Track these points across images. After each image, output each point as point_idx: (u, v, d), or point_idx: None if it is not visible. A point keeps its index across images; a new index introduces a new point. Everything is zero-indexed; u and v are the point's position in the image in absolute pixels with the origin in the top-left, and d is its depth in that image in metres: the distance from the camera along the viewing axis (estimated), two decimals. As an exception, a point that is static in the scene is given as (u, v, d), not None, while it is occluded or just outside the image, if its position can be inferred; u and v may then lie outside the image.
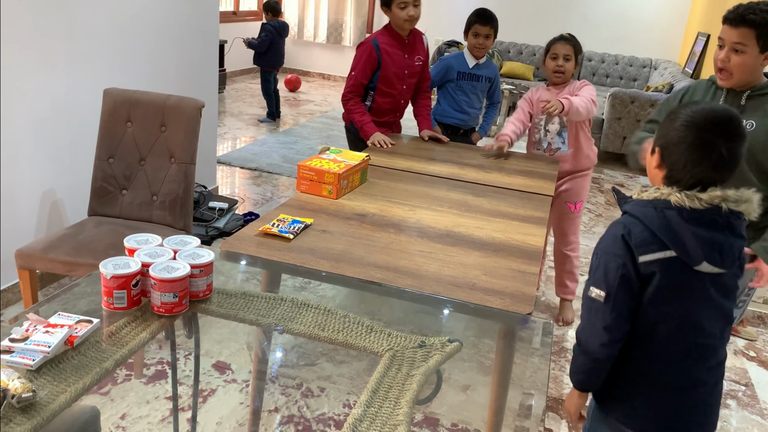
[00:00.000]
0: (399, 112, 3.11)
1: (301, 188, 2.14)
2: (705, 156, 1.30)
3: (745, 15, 1.81)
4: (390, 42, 2.91)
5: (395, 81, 2.95)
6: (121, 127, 2.55)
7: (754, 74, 1.89)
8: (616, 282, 1.33)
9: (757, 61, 1.85)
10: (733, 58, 1.85)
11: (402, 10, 2.80)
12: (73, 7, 2.77)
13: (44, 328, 1.20)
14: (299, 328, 1.38)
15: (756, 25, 1.80)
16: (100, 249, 2.30)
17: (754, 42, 1.82)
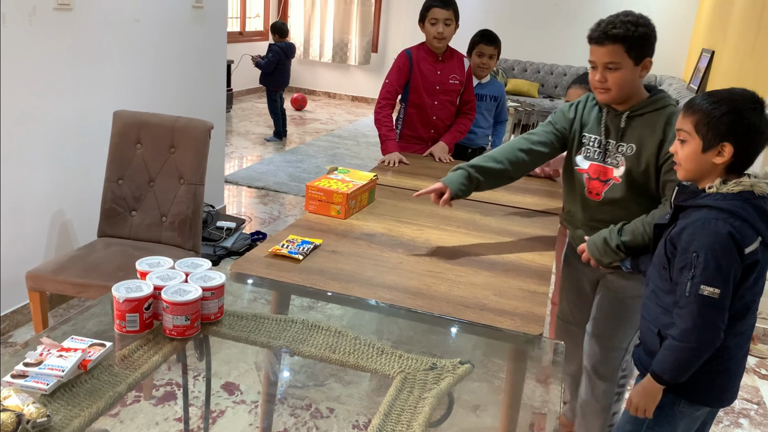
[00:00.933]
0: (432, 128, 3.10)
1: (310, 208, 2.15)
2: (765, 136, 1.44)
3: (607, 31, 1.73)
4: (423, 55, 3.02)
5: (424, 94, 3.01)
6: (130, 148, 2.57)
7: (633, 88, 1.81)
8: (729, 277, 1.40)
9: (634, 74, 1.77)
10: (610, 77, 1.76)
11: (432, 26, 2.93)
12: (83, 31, 2.81)
13: (58, 352, 1.21)
14: (310, 350, 1.38)
15: (622, 38, 1.73)
16: (110, 270, 2.31)
17: (626, 56, 1.74)
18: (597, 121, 1.90)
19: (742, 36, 5.01)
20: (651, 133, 1.79)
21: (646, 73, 1.79)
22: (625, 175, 1.83)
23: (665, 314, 1.54)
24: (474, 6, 8.44)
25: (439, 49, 2.99)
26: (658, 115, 1.80)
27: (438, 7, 2.91)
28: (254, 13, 9.06)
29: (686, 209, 1.50)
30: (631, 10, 1.81)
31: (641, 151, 1.80)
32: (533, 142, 1.99)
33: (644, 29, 1.75)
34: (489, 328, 1.52)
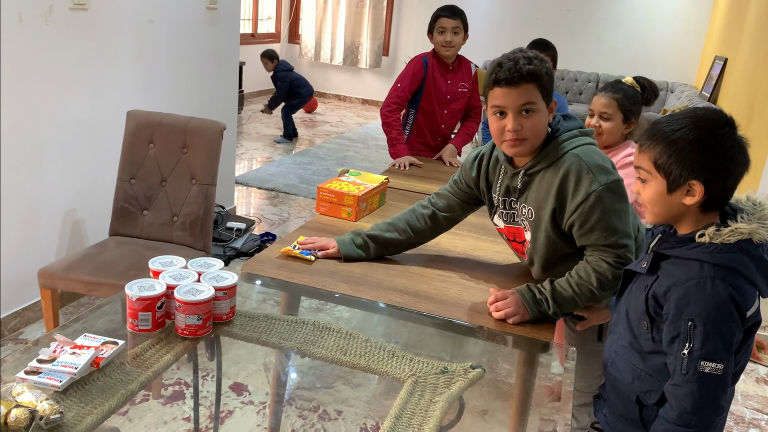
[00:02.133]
0: (440, 136, 3.13)
1: (321, 210, 2.16)
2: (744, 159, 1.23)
3: (521, 68, 1.49)
4: (436, 65, 3.03)
5: (435, 103, 3.04)
6: (143, 148, 2.58)
7: (541, 136, 1.57)
8: (732, 347, 1.20)
9: (547, 118, 1.56)
10: (526, 123, 1.52)
11: (440, 35, 2.94)
12: (98, 32, 2.83)
13: (71, 350, 1.21)
14: (321, 351, 1.39)
15: (536, 76, 1.50)
16: (121, 269, 2.32)
17: (539, 96, 1.52)
18: (497, 179, 1.70)
19: (755, 43, 4.98)
20: (545, 197, 1.57)
21: (551, 117, 1.58)
22: (532, 240, 1.65)
23: (646, 379, 1.33)
24: (485, 13, 8.44)
25: (448, 58, 3.01)
26: (552, 174, 1.55)
27: (445, 16, 2.94)
28: (266, 15, 9.10)
29: (669, 257, 1.27)
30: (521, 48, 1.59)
31: (540, 217, 1.60)
32: (439, 209, 1.82)
33: (547, 66, 1.54)
34: (499, 333, 1.52)
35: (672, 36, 7.82)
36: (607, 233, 1.51)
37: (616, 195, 1.51)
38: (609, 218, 1.50)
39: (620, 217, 1.52)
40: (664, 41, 7.85)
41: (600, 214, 1.50)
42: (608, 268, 1.53)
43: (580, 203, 1.50)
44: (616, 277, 1.50)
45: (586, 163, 1.51)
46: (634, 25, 7.92)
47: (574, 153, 1.53)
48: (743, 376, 2.94)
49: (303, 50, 9.36)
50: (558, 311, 1.55)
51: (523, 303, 1.54)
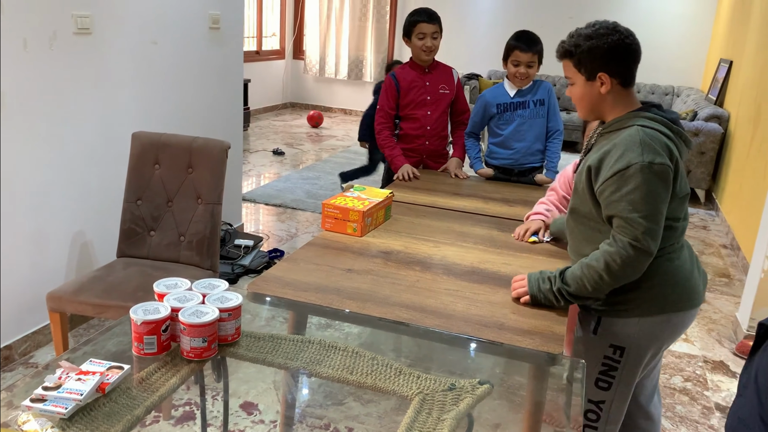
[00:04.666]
0: (426, 138, 3.13)
1: (326, 226, 2.15)
2: None
3: (558, 47, 1.72)
4: (408, 71, 3.10)
5: (414, 105, 3.09)
6: (149, 169, 2.60)
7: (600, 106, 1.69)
8: None
9: (592, 90, 1.67)
10: (570, 93, 1.74)
11: (420, 40, 2.98)
12: (103, 55, 2.86)
13: (76, 376, 1.21)
14: (327, 371, 1.37)
15: (567, 53, 1.68)
16: (129, 291, 2.33)
17: (576, 72, 1.68)
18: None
19: (761, 45, 4.96)
20: (597, 151, 1.65)
21: (606, 89, 1.65)
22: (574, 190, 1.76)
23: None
24: (486, 20, 8.46)
25: (426, 62, 3.06)
26: (613, 136, 1.65)
27: (424, 21, 2.97)
28: (270, 32, 9.17)
29: None
30: (603, 21, 1.69)
31: (582, 168, 1.69)
32: None
33: (594, 42, 1.63)
34: (508, 347, 1.50)
35: (676, 39, 7.80)
36: (632, 206, 1.53)
37: (656, 177, 1.54)
38: (640, 194, 1.53)
39: (652, 198, 1.54)
40: (668, 45, 7.83)
41: (633, 186, 1.53)
42: (619, 250, 1.55)
43: (620, 170, 1.54)
44: (626, 262, 1.54)
45: (642, 139, 1.55)
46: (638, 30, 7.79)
47: (638, 126, 1.59)
48: None
49: (307, 66, 9.42)
50: (563, 289, 1.62)
51: (528, 281, 1.68)
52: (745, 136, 4.93)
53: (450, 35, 8.45)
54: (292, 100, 9.73)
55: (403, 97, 3.08)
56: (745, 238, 4.34)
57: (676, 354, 3.14)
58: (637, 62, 1.68)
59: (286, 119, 8.81)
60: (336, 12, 9.09)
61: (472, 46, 8.55)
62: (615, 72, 1.64)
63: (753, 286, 3.26)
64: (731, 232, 4.77)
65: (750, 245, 4.09)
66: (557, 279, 1.64)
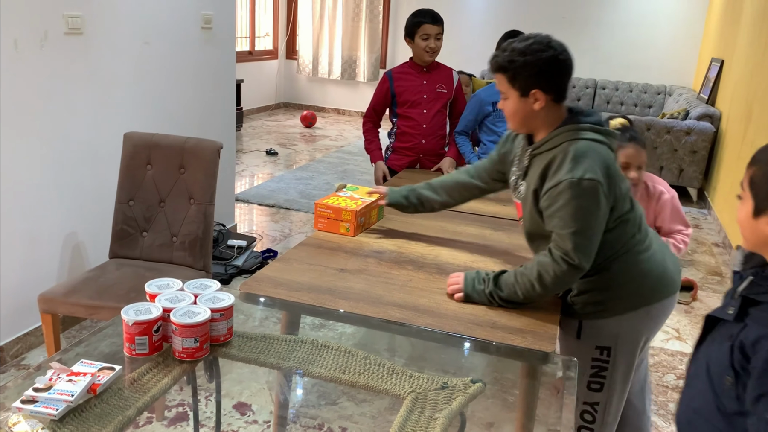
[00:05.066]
0: (423, 137, 3.14)
1: (319, 226, 2.15)
2: None
3: (491, 60, 1.67)
4: (406, 70, 3.13)
5: (411, 103, 3.11)
6: (141, 170, 2.59)
7: (532, 121, 1.67)
8: None
9: (525, 106, 1.64)
10: (504, 106, 1.70)
11: (424, 41, 3.01)
12: (94, 55, 2.85)
13: (67, 377, 1.21)
14: (320, 371, 1.37)
15: (501, 68, 1.64)
16: (122, 292, 2.32)
17: (510, 87, 1.64)
18: (517, 155, 1.82)
19: (751, 44, 4.98)
20: (536, 173, 1.65)
21: (540, 105, 1.62)
22: (524, 216, 1.76)
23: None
24: (479, 19, 8.47)
25: (427, 63, 3.09)
26: (547, 155, 1.64)
27: (429, 23, 3.00)
28: (263, 32, 9.15)
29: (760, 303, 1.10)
30: (537, 35, 1.65)
31: (527, 195, 1.70)
32: (473, 176, 2.00)
33: (529, 58, 1.59)
34: (501, 345, 1.50)
35: (668, 39, 7.83)
36: (563, 223, 1.56)
37: (585, 192, 1.54)
38: (570, 210, 1.55)
39: (581, 215, 1.55)
40: (660, 45, 7.86)
41: (563, 202, 1.55)
42: (551, 262, 1.58)
43: (552, 187, 1.57)
44: (557, 275, 1.58)
45: (574, 154, 1.56)
46: (629, 30, 7.94)
47: (571, 143, 1.59)
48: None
49: (301, 66, 9.41)
50: (495, 293, 1.64)
51: (464, 279, 1.69)
52: (736, 134, 4.96)
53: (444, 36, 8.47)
54: (285, 100, 9.72)
55: (398, 95, 3.10)
56: (737, 236, 4.36)
57: (669, 352, 3.15)
58: (570, 77, 1.65)
59: (279, 119, 8.80)
60: (329, 12, 9.08)
61: (465, 46, 8.56)
62: (548, 88, 1.61)
63: (745, 284, 3.27)
64: (723, 231, 4.80)
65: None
66: (491, 283, 1.65)
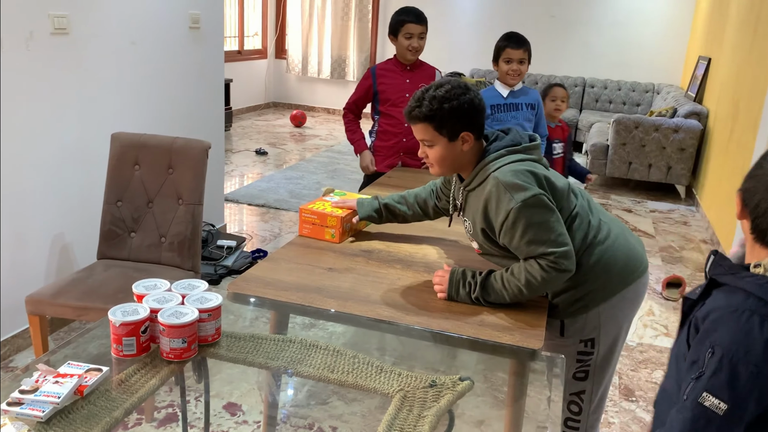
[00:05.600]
0: (404, 136, 3.16)
1: (304, 232, 2.09)
2: None
3: (411, 111, 1.67)
4: (389, 68, 3.14)
5: (394, 101, 3.12)
6: (129, 170, 2.58)
7: (461, 162, 1.70)
8: (748, 393, 1.04)
9: (454, 149, 1.67)
10: (429, 153, 1.70)
11: (407, 40, 3.02)
12: (80, 55, 2.83)
13: (54, 379, 1.20)
14: (308, 370, 1.37)
15: (426, 118, 1.65)
16: (110, 293, 2.31)
17: (436, 134, 1.66)
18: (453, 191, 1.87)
19: (738, 42, 5.02)
20: (476, 215, 1.69)
21: (469, 146, 1.67)
22: (480, 248, 1.78)
23: None
24: (470, 21, 8.49)
25: (411, 61, 3.10)
26: (479, 194, 1.67)
27: (413, 22, 3.01)
28: (252, 31, 9.13)
29: (722, 285, 1.16)
30: (449, 79, 1.72)
31: (476, 232, 1.73)
32: (438, 197, 1.99)
33: (453, 103, 1.62)
34: (489, 343, 1.51)
35: (656, 37, 7.87)
36: (534, 246, 1.58)
37: (535, 208, 1.57)
38: (532, 232, 1.57)
39: (544, 227, 1.58)
40: (648, 43, 7.91)
41: (523, 229, 1.57)
42: (539, 269, 1.59)
43: (503, 222, 1.60)
44: (546, 280, 1.59)
45: (502, 185, 1.59)
46: (618, 28, 7.98)
47: (494, 175, 1.62)
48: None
49: (290, 65, 9.39)
50: (482, 297, 1.65)
51: (449, 280, 1.68)
52: (723, 132, 5.00)
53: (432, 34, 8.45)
54: (274, 99, 9.70)
55: (381, 93, 3.11)
56: (725, 233, 4.40)
57: (657, 348, 3.17)
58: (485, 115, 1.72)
59: (269, 119, 8.78)
60: (318, 11, 9.07)
61: (453, 44, 8.57)
62: (473, 128, 1.66)
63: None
64: (711, 228, 4.83)
65: (730, 240, 4.15)
66: (477, 288, 1.65)
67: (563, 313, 1.77)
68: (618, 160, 5.92)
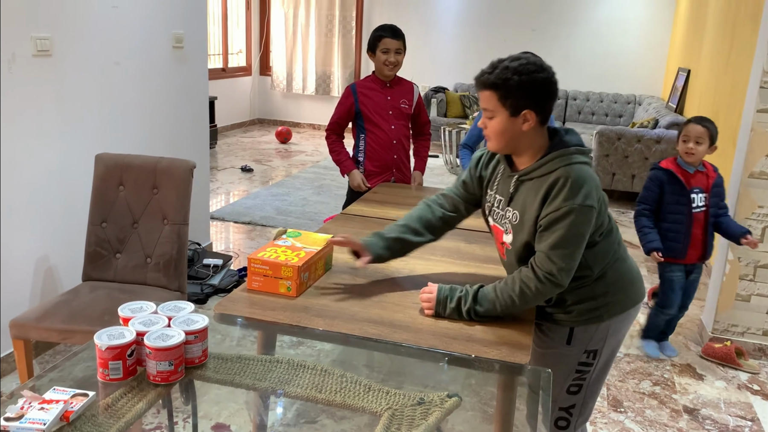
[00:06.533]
0: (395, 152, 3.19)
1: (253, 285, 1.78)
2: None
3: (481, 76, 1.62)
4: (369, 85, 3.16)
5: (379, 119, 3.14)
6: (113, 191, 2.57)
7: (519, 142, 1.66)
8: None
9: (514, 126, 1.62)
10: (489, 125, 1.65)
11: (384, 54, 3.04)
12: (64, 76, 2.83)
13: (39, 405, 1.19)
14: (296, 390, 1.37)
15: (493, 86, 1.60)
16: (95, 315, 2.29)
17: (499, 105, 1.60)
18: (495, 179, 1.80)
19: (715, 54, 5.11)
20: (531, 203, 1.64)
21: (529, 126, 1.62)
22: (512, 242, 1.72)
23: None
24: (451, 34, 8.57)
25: (388, 77, 3.13)
26: (541, 182, 1.63)
27: (389, 37, 3.04)
28: (236, 49, 9.15)
29: None
30: (527, 54, 1.69)
31: (523, 222, 1.67)
32: (447, 209, 1.92)
33: (524, 78, 1.57)
34: (476, 358, 1.51)
35: (636, 49, 7.99)
36: (553, 250, 1.60)
37: (583, 218, 1.59)
38: (564, 237, 1.59)
39: (574, 240, 1.60)
40: (628, 55, 8.02)
41: (561, 226, 1.58)
42: (534, 278, 1.61)
43: (553, 211, 1.58)
44: (540, 292, 1.62)
45: (573, 180, 1.58)
46: (598, 41, 8.09)
47: (568, 168, 1.60)
48: (725, 383, 2.97)
49: (275, 82, 9.41)
50: (473, 310, 1.65)
51: (436, 297, 1.68)
52: (704, 142, 5.06)
53: (416, 50, 8.55)
54: (260, 116, 9.71)
55: (364, 109, 3.13)
56: (707, 242, 4.44)
57: (644, 359, 3.19)
58: (555, 101, 1.68)
59: (254, 135, 8.78)
60: (302, 28, 9.12)
61: (437, 60, 8.64)
62: (539, 110, 1.61)
63: (716, 290, 3.34)
64: (694, 237, 4.87)
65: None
66: (469, 299, 1.65)
67: (577, 320, 1.77)
68: (601, 171, 5.98)
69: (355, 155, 3.25)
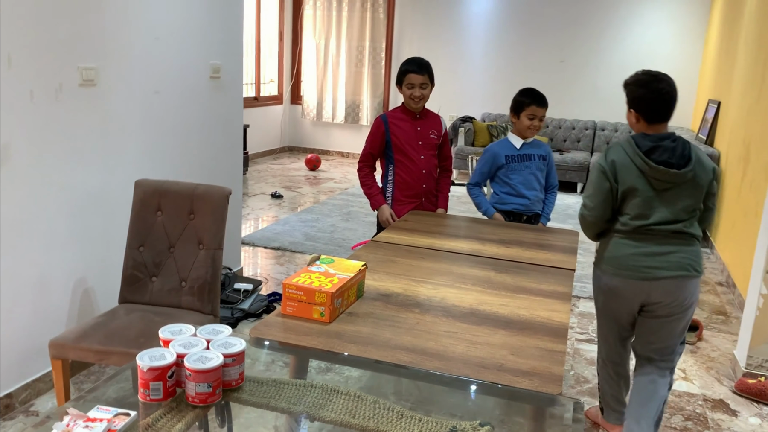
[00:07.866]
0: (423, 182, 3.24)
1: (288, 310, 1.82)
2: None
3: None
4: (400, 115, 3.22)
5: (410, 150, 3.20)
6: (151, 216, 2.64)
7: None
8: None
9: (629, 118, 2.42)
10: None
11: (409, 89, 3.13)
12: (106, 105, 2.93)
13: (84, 423, 1.23)
14: (330, 415, 1.40)
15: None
16: (131, 337, 2.35)
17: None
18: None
19: (747, 86, 5.08)
20: None
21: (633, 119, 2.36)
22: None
23: None
24: (479, 65, 8.65)
25: (416, 109, 3.19)
26: None
27: (414, 72, 3.11)
28: (268, 78, 9.34)
29: None
30: (654, 73, 2.33)
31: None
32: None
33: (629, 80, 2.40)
34: (508, 388, 1.52)
35: (665, 81, 7.95)
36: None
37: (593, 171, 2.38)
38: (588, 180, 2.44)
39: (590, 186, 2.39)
40: (658, 86, 7.98)
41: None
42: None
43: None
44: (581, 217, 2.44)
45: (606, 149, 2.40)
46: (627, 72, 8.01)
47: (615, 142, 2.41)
48: (759, 420, 2.90)
49: (305, 110, 9.57)
50: None
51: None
52: (735, 174, 5.02)
53: (444, 80, 8.65)
54: (290, 143, 9.86)
55: (395, 140, 3.19)
56: (739, 275, 4.38)
57: (676, 393, 3.14)
58: None
59: (284, 162, 8.92)
60: (333, 59, 9.29)
61: (465, 90, 8.72)
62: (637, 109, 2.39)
63: (749, 324, 3.28)
64: (726, 270, 4.81)
65: (745, 282, 4.13)
66: None
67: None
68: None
69: (383, 186, 3.30)
